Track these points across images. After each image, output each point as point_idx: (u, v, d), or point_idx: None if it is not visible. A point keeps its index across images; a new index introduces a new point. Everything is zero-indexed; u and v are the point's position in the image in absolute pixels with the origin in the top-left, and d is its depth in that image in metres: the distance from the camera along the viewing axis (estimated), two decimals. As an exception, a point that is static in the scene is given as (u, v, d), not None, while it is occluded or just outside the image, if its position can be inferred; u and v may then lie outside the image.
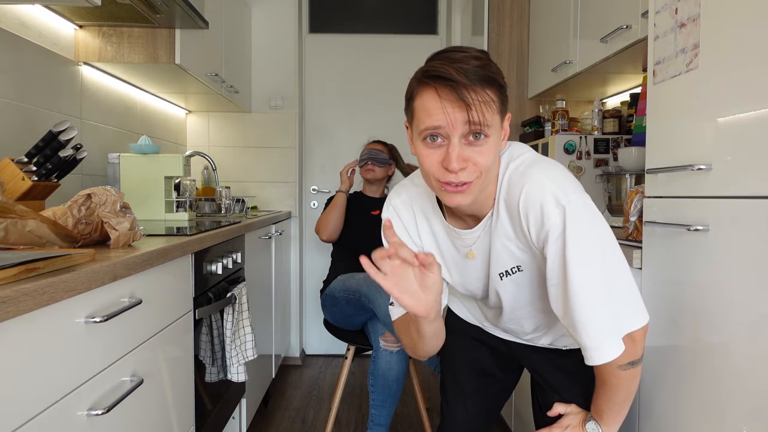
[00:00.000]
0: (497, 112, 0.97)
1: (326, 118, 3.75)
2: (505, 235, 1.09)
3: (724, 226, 1.07)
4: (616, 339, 1.02)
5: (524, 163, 1.05)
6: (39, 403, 0.84)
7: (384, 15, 3.79)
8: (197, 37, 2.36)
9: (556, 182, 1.01)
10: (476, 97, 0.93)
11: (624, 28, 1.84)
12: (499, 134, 0.99)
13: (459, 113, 0.93)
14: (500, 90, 0.97)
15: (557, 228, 0.99)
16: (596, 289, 1.00)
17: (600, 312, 1.00)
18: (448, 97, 0.93)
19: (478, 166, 0.97)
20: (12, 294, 0.74)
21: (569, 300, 1.01)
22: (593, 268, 0.99)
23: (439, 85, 0.94)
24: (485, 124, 0.94)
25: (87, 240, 1.22)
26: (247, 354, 1.87)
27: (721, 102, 1.07)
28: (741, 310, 1.03)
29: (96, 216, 1.21)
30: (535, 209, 1.00)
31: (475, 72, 0.93)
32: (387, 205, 1.25)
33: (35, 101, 1.86)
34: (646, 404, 1.33)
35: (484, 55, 0.98)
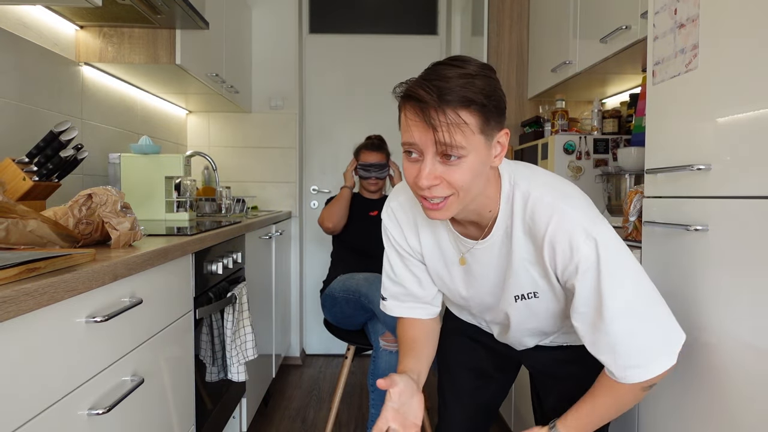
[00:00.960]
0: (477, 132, 0.94)
1: (326, 119, 3.75)
2: (526, 258, 1.08)
3: (723, 226, 1.07)
4: (662, 357, 1.03)
5: (547, 191, 1.04)
6: (39, 402, 0.84)
7: (384, 15, 3.80)
8: (198, 37, 2.36)
9: (585, 213, 1.02)
10: (444, 120, 0.92)
11: (623, 29, 1.84)
12: (481, 153, 0.97)
13: (426, 134, 0.93)
14: (482, 110, 0.94)
15: (589, 260, 0.99)
16: (635, 314, 1.01)
17: (641, 334, 1.01)
18: (415, 119, 0.94)
19: (452, 185, 0.97)
20: (13, 294, 0.74)
21: (606, 327, 1.01)
22: (629, 293, 1.00)
23: (410, 104, 0.95)
24: (455, 146, 0.93)
25: (87, 240, 1.22)
26: (247, 354, 1.87)
27: (720, 102, 1.08)
28: (741, 310, 1.03)
29: (97, 216, 1.22)
30: (563, 244, 1.01)
31: (452, 92, 0.92)
32: (386, 206, 1.25)
33: (36, 101, 1.86)
34: (646, 404, 1.33)
35: (478, 71, 0.95)
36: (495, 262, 1.13)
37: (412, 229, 1.22)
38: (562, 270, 1.03)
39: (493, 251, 1.12)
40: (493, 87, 0.96)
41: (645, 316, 1.02)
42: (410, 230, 1.23)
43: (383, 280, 1.31)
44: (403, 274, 1.27)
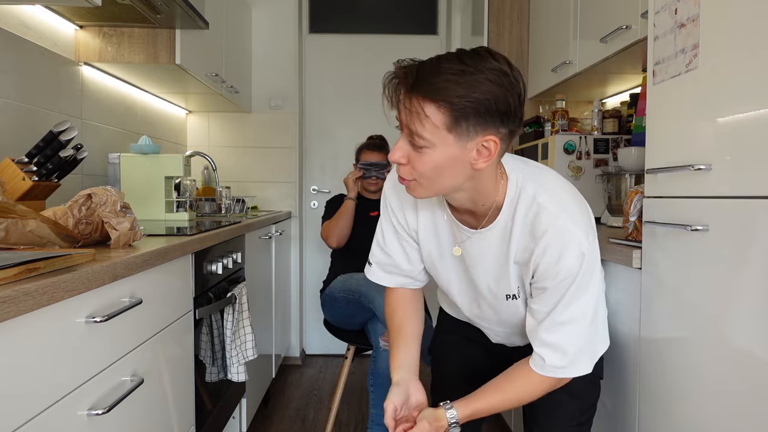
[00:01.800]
0: (443, 129, 0.95)
1: (326, 118, 3.75)
2: (518, 258, 1.11)
3: (723, 226, 1.07)
4: (589, 360, 1.14)
5: (553, 200, 1.08)
6: (39, 402, 0.84)
7: (384, 15, 3.79)
8: (197, 37, 2.36)
9: (582, 229, 1.07)
10: (407, 105, 0.95)
11: (624, 29, 1.84)
12: (451, 151, 0.98)
13: (401, 114, 0.99)
14: (452, 109, 0.94)
15: (572, 271, 1.06)
16: (587, 319, 1.10)
17: (583, 337, 1.11)
18: (392, 95, 0.99)
19: (415, 170, 1.00)
20: (12, 294, 0.74)
21: (558, 326, 1.09)
22: (585, 303, 1.09)
23: (394, 81, 0.99)
24: (417, 133, 0.96)
25: (87, 240, 1.22)
26: (247, 354, 1.87)
27: (720, 102, 1.08)
28: (741, 310, 1.03)
29: (96, 216, 1.21)
30: (555, 251, 1.05)
31: (429, 84, 0.94)
32: (390, 177, 1.26)
33: (36, 101, 1.86)
34: (645, 403, 1.33)
35: (481, 70, 0.94)
36: (490, 257, 1.15)
37: (411, 206, 1.23)
38: (543, 271, 1.07)
39: (490, 244, 1.13)
40: (483, 91, 0.94)
41: (590, 323, 1.11)
42: (410, 207, 1.23)
43: (372, 246, 1.33)
44: (393, 246, 1.28)
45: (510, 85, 0.96)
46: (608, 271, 1.46)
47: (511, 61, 1.00)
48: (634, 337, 1.36)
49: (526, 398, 1.17)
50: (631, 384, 1.39)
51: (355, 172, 2.57)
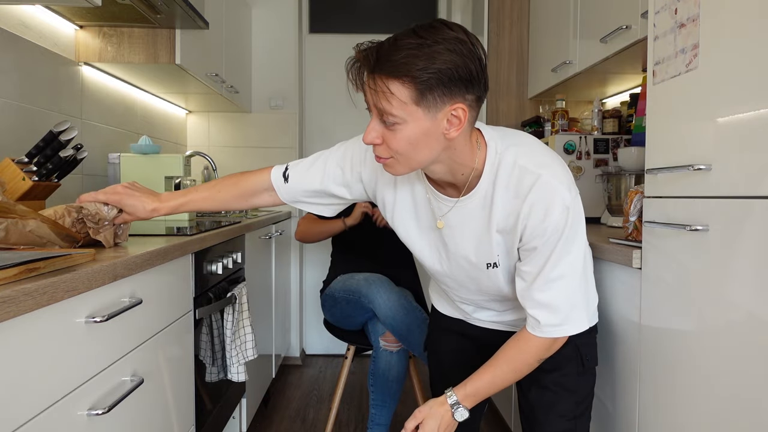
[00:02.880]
0: (410, 103, 0.97)
1: (326, 118, 3.75)
2: (501, 225, 1.12)
3: (723, 226, 1.07)
4: (585, 316, 1.17)
5: (532, 161, 1.09)
6: (39, 402, 0.84)
7: (384, 15, 3.80)
8: (197, 37, 2.36)
9: (565, 184, 1.09)
10: (372, 86, 0.98)
11: (624, 29, 1.84)
12: (422, 124, 0.99)
13: (367, 94, 1.01)
14: (415, 82, 0.95)
15: (558, 226, 1.08)
16: (578, 273, 1.13)
17: (576, 292, 1.14)
18: (355, 79, 1.03)
19: (390, 148, 1.02)
20: (12, 294, 0.74)
21: (550, 283, 1.11)
22: (574, 258, 1.12)
23: (354, 63, 1.03)
24: (386, 112, 0.98)
25: (87, 240, 1.22)
26: (247, 354, 1.87)
27: (720, 102, 1.08)
28: (740, 310, 1.03)
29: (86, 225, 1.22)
30: (540, 209, 1.07)
31: (389, 62, 0.96)
32: (364, 153, 1.25)
33: (36, 101, 1.86)
34: (645, 401, 1.33)
35: (438, 42, 0.95)
36: (471, 225, 1.16)
37: (390, 185, 1.23)
38: (531, 231, 1.09)
39: (471, 212, 1.14)
40: (444, 60, 0.95)
41: (580, 278, 1.14)
42: (388, 185, 1.23)
43: (301, 162, 1.35)
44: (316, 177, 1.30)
45: (469, 51, 0.98)
46: (608, 271, 1.46)
47: (466, 28, 1.01)
48: (635, 336, 1.36)
49: (521, 367, 1.19)
50: (631, 383, 1.39)
51: (368, 205, 2.41)
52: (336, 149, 1.30)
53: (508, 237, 1.14)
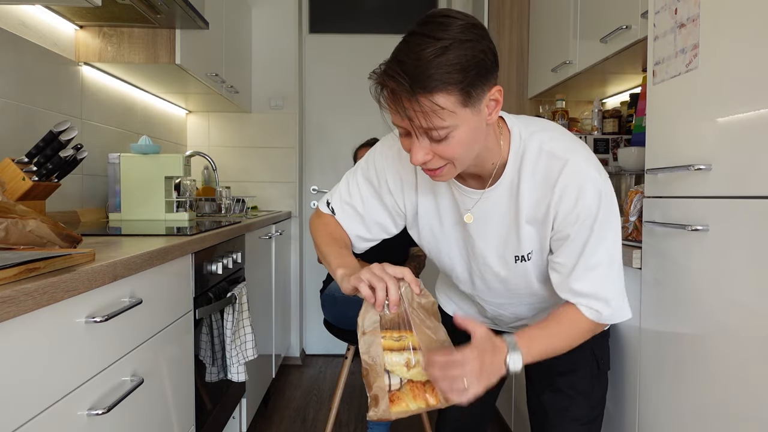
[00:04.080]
0: (459, 108, 0.93)
1: (326, 118, 3.75)
2: (529, 214, 1.08)
3: (723, 226, 1.07)
4: (626, 306, 1.12)
5: (560, 145, 1.06)
6: (39, 402, 0.84)
7: (384, 15, 3.79)
8: (197, 37, 2.36)
9: (595, 167, 1.05)
10: (419, 109, 0.90)
11: (624, 29, 1.84)
12: (471, 122, 0.95)
13: (405, 121, 0.94)
14: (460, 86, 0.91)
15: (591, 210, 1.03)
16: (615, 261, 1.08)
17: (618, 280, 1.09)
18: (393, 107, 0.95)
19: (445, 158, 0.97)
20: (12, 294, 0.74)
21: (586, 272, 1.06)
22: (610, 244, 1.07)
23: (386, 93, 0.95)
24: (436, 128, 0.93)
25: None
26: (247, 354, 1.87)
27: (720, 102, 1.08)
28: (741, 310, 1.03)
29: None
30: (571, 194, 1.03)
31: (425, 77, 0.89)
32: (391, 140, 1.20)
33: (36, 101, 1.86)
34: (645, 404, 1.33)
35: (455, 39, 0.90)
36: (497, 217, 1.11)
37: (411, 186, 1.18)
38: (563, 218, 1.05)
39: (497, 203, 1.10)
40: (472, 54, 0.92)
41: (619, 265, 1.09)
42: (410, 187, 1.18)
43: (334, 196, 1.28)
44: (373, 208, 1.22)
45: (482, 31, 0.95)
46: (608, 271, 1.46)
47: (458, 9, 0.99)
48: (635, 335, 1.36)
49: (572, 344, 1.11)
50: (631, 381, 1.39)
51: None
52: (354, 170, 1.26)
53: (540, 228, 1.09)
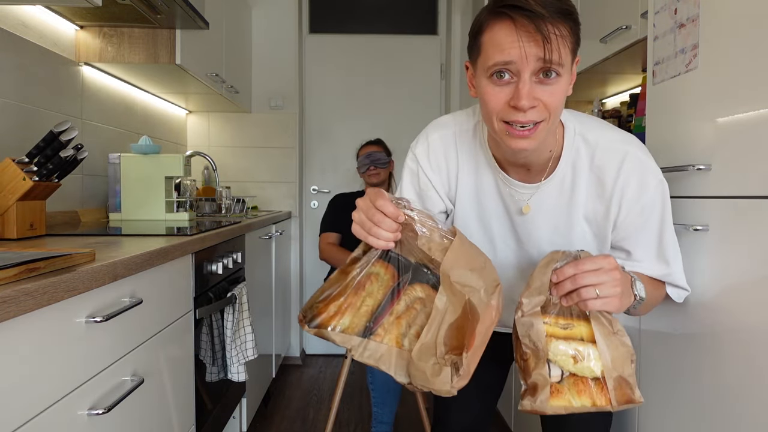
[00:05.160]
0: (571, 51, 0.91)
1: (326, 118, 3.75)
2: (584, 211, 1.05)
3: (723, 226, 1.07)
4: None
5: (615, 137, 1.03)
6: (40, 402, 0.84)
7: (384, 15, 3.80)
8: (197, 37, 2.36)
9: (652, 158, 1.03)
10: (554, 31, 0.86)
11: (623, 29, 1.84)
12: (569, 76, 0.93)
13: (534, 47, 0.87)
14: (576, 26, 0.90)
15: (655, 203, 1.02)
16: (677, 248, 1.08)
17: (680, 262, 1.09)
18: (526, 29, 0.87)
19: (548, 107, 0.91)
20: (13, 294, 0.74)
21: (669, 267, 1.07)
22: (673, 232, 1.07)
23: (517, 15, 0.87)
24: (559, 62, 0.88)
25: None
26: (247, 354, 1.87)
27: (720, 102, 1.08)
28: (741, 310, 1.03)
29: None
30: (633, 187, 1.01)
31: (552, 3, 0.86)
32: (423, 139, 1.13)
33: (36, 101, 1.86)
34: (645, 403, 1.33)
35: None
36: (548, 213, 1.07)
37: (453, 166, 1.11)
38: (626, 214, 1.03)
39: (548, 199, 1.06)
40: (575, 6, 0.92)
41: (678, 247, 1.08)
42: (453, 166, 1.11)
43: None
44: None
45: None
46: (608, 271, 1.46)
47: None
48: (635, 336, 1.36)
49: (653, 305, 1.11)
50: (631, 384, 1.39)
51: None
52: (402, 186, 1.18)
53: (599, 226, 1.06)
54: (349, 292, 0.94)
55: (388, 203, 0.91)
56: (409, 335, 0.92)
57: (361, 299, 0.93)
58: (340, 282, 0.95)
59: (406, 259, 0.94)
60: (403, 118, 3.67)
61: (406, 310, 0.93)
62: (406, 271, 0.94)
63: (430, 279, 0.94)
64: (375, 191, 0.93)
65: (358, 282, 0.94)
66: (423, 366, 0.88)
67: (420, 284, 0.94)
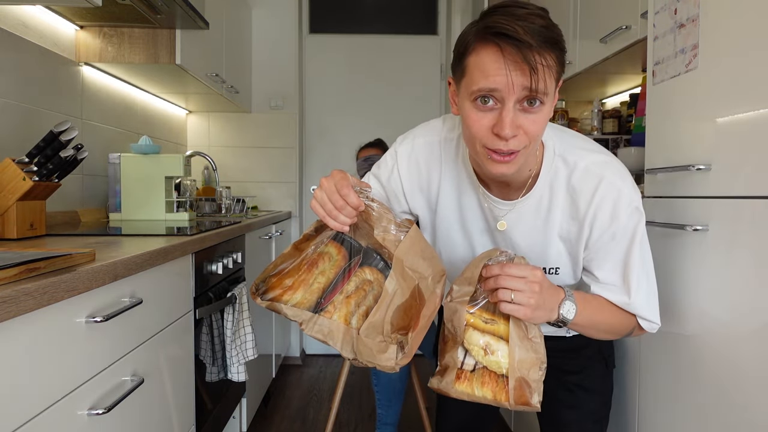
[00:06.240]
0: (555, 79, 0.91)
1: (326, 118, 3.75)
2: (559, 230, 1.05)
3: (723, 226, 1.07)
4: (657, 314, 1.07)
5: (594, 159, 1.02)
6: (40, 402, 0.84)
7: (384, 15, 3.80)
8: (198, 37, 2.36)
9: (630, 184, 1.02)
10: (541, 61, 0.86)
11: (623, 29, 1.84)
12: (552, 103, 0.93)
13: (521, 77, 0.86)
14: (562, 54, 0.90)
15: (627, 230, 1.00)
16: (650, 280, 1.05)
17: (653, 295, 1.06)
18: (513, 58, 0.86)
19: (528, 135, 0.91)
20: (13, 294, 0.74)
21: (632, 295, 1.03)
22: (647, 263, 1.04)
23: (504, 44, 0.86)
24: (544, 91, 0.88)
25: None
26: (247, 354, 1.87)
27: (720, 102, 1.08)
28: (741, 310, 1.03)
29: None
30: (606, 213, 1.00)
31: (540, 32, 0.86)
32: (410, 140, 1.13)
33: (36, 101, 1.86)
34: (645, 403, 1.33)
35: (546, 14, 0.90)
36: (524, 230, 1.08)
37: (436, 173, 1.10)
38: (597, 237, 1.02)
39: (525, 216, 1.06)
40: (561, 32, 0.91)
41: (653, 281, 1.06)
42: (435, 173, 1.10)
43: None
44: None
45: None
46: (608, 271, 1.46)
47: None
48: (635, 337, 1.36)
49: (610, 331, 1.08)
50: (631, 381, 1.39)
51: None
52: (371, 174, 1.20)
53: (572, 246, 1.06)
54: (303, 269, 1.00)
55: (352, 193, 0.95)
56: (357, 314, 0.98)
57: (314, 277, 1.00)
58: (293, 258, 1.01)
59: (357, 243, 1.01)
60: (403, 118, 3.67)
61: (355, 291, 0.99)
62: (357, 254, 1.01)
63: (379, 264, 1.00)
64: (341, 175, 0.98)
65: (311, 260, 1.00)
66: (370, 343, 0.94)
67: (369, 267, 1.00)
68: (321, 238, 1.01)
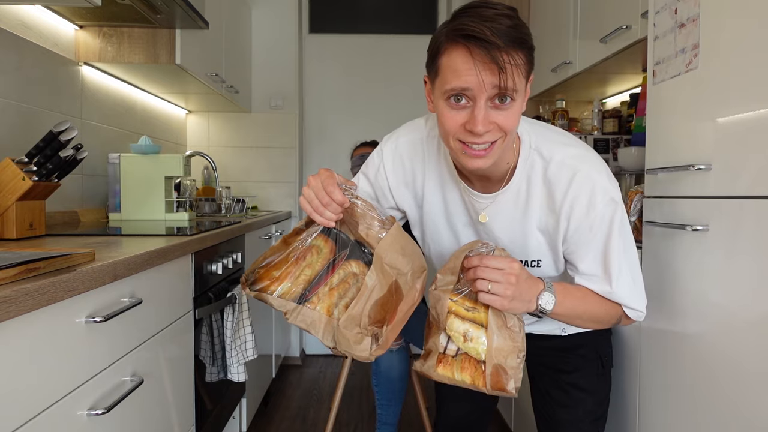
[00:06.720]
0: (525, 76, 0.94)
1: (326, 118, 3.75)
2: (538, 222, 1.07)
3: (723, 226, 1.07)
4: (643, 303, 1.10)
5: (569, 152, 1.04)
6: (39, 402, 0.84)
7: (384, 15, 3.79)
8: (197, 37, 2.36)
9: (605, 175, 1.04)
10: (509, 60, 0.89)
11: (624, 29, 1.84)
12: (523, 98, 0.97)
13: (490, 76, 0.90)
14: (530, 52, 0.94)
15: (604, 220, 1.02)
16: (633, 271, 1.07)
17: (638, 285, 1.08)
18: (481, 59, 0.89)
19: (503, 128, 0.95)
20: (12, 294, 0.74)
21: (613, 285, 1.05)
22: (630, 253, 1.06)
23: (472, 45, 0.89)
24: (513, 89, 0.91)
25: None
26: (247, 354, 1.87)
27: (720, 102, 1.08)
28: (741, 310, 1.03)
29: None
30: (582, 204, 1.02)
31: (507, 33, 0.89)
32: (394, 139, 1.17)
33: (36, 101, 1.86)
34: (645, 403, 1.33)
35: (514, 14, 0.92)
36: (507, 222, 1.10)
37: (420, 170, 1.14)
38: (575, 229, 1.04)
39: (504, 209, 1.09)
40: (529, 30, 0.94)
41: (637, 268, 1.08)
42: (419, 171, 1.14)
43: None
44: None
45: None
46: (608, 271, 1.46)
47: None
48: (635, 335, 1.36)
49: (594, 320, 1.10)
50: (631, 381, 1.39)
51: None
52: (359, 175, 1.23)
53: (551, 238, 1.09)
54: (291, 262, 1.04)
55: (337, 190, 1.00)
56: (339, 306, 1.02)
57: (301, 269, 1.04)
58: (282, 251, 1.05)
59: (345, 236, 1.05)
60: (403, 118, 3.65)
61: (339, 283, 1.03)
62: (345, 247, 1.05)
63: (365, 257, 1.04)
64: (328, 173, 1.02)
65: (299, 253, 1.04)
66: (348, 334, 0.99)
67: (355, 261, 1.04)
68: (309, 231, 1.05)
